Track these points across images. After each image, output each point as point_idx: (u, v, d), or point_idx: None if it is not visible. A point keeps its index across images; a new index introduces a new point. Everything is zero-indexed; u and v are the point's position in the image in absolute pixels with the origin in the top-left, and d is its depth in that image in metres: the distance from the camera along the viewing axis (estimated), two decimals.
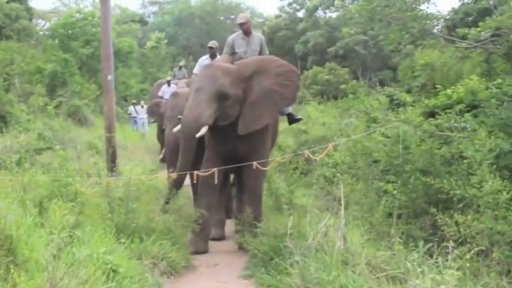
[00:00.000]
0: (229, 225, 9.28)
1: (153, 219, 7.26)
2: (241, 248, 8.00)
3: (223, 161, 8.02)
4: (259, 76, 8.03)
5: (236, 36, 9.03)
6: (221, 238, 8.93)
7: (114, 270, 5.26)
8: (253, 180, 8.15)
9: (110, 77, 9.67)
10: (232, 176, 9.55)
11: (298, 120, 9.16)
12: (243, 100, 7.89)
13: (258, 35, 9.13)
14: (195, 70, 10.50)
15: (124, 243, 6.23)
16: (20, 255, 4.62)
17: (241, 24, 8.89)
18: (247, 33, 8.90)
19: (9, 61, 20.52)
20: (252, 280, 6.61)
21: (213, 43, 10.50)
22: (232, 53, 8.89)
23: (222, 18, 56.96)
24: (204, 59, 10.42)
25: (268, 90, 7.99)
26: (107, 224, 6.51)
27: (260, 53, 8.94)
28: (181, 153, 7.95)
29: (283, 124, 16.88)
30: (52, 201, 6.45)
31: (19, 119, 14.02)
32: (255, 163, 7.62)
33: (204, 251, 8.02)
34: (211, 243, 8.52)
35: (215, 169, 7.66)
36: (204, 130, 7.61)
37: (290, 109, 8.84)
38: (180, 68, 17.67)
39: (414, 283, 4.30)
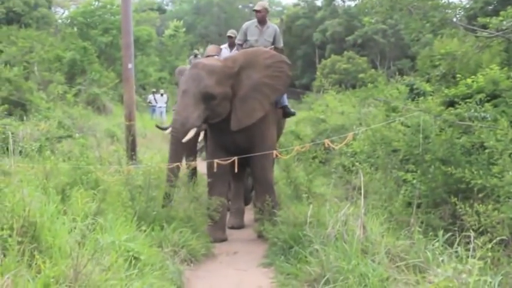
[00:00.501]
0: (249, 214, 9.31)
1: (173, 207, 7.30)
2: (260, 236, 8.05)
3: (227, 152, 8.04)
4: (248, 70, 7.98)
5: (251, 23, 9.01)
6: (240, 227, 8.98)
7: (135, 258, 5.33)
8: (261, 171, 8.21)
9: (130, 66, 9.72)
10: None
11: (292, 114, 9.12)
12: (233, 96, 7.86)
13: (273, 26, 9.08)
14: None
15: (145, 231, 6.31)
16: (44, 242, 4.67)
17: (256, 12, 8.89)
18: (261, 22, 8.87)
19: (28, 49, 20.75)
20: (271, 268, 6.66)
21: (232, 32, 10.48)
22: (245, 40, 8.89)
23: (240, 6, 56.95)
24: (224, 48, 10.41)
25: (258, 83, 7.95)
26: (128, 212, 6.57)
27: (273, 44, 8.91)
28: (169, 155, 7.85)
29: (301, 113, 16.94)
30: (74, 188, 6.52)
31: (39, 107, 14.16)
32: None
33: (222, 240, 8.06)
34: (230, 232, 8.58)
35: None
36: (192, 133, 7.57)
37: (286, 101, 8.80)
38: (196, 55, 17.66)
39: (435, 272, 4.30)
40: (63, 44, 23.95)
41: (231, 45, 10.40)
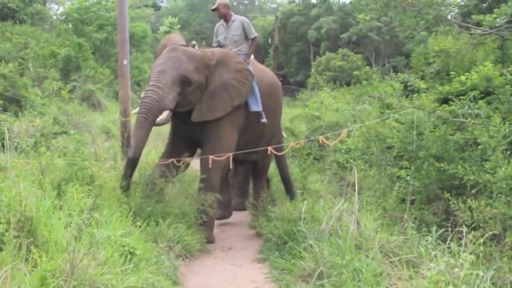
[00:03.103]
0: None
1: (168, 203, 7.32)
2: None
3: (184, 143, 8.00)
4: (222, 67, 7.93)
5: (219, 24, 8.98)
6: (221, 218, 8.92)
7: (131, 253, 5.36)
8: (205, 170, 7.75)
9: (125, 62, 9.71)
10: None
11: (261, 123, 8.42)
12: (204, 88, 7.79)
13: (239, 19, 8.96)
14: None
15: (140, 226, 6.33)
16: (40, 236, 4.71)
17: (213, 10, 8.86)
18: (225, 19, 8.83)
19: (23, 45, 20.77)
20: (266, 264, 6.69)
21: None
22: (218, 41, 8.83)
23: (235, 3, 56.91)
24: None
25: (228, 83, 7.88)
26: (123, 208, 6.59)
27: (244, 36, 8.80)
28: (135, 129, 7.45)
29: (295, 110, 16.98)
30: (69, 184, 6.53)
31: (34, 103, 14.14)
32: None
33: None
34: (225, 228, 8.64)
35: (228, 154, 7.71)
36: (165, 114, 7.38)
37: (260, 108, 8.34)
38: (193, 46, 17.62)
39: (428, 266, 4.35)
40: (58, 40, 23.92)
41: None
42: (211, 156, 7.46)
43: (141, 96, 7.44)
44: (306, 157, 8.86)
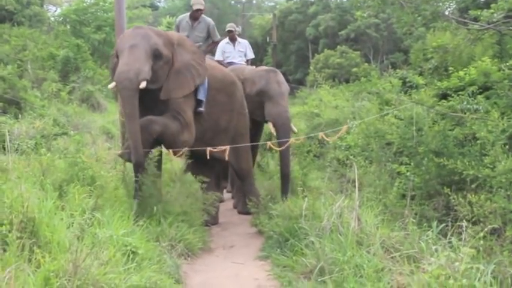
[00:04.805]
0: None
1: (169, 202, 7.34)
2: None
3: None
4: (181, 48, 7.95)
5: (183, 17, 9.13)
6: None
7: (133, 252, 5.37)
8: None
9: None
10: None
11: (199, 112, 8.27)
12: (171, 65, 7.78)
13: (206, 20, 9.09)
14: (217, 56, 10.51)
15: (142, 225, 6.34)
16: (43, 237, 4.72)
17: (197, 11, 8.96)
18: (194, 18, 8.96)
19: (21, 47, 20.75)
20: (268, 261, 6.70)
21: (231, 26, 10.53)
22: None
23: (232, 2, 56.98)
24: (225, 43, 10.45)
25: (189, 63, 7.93)
26: (125, 207, 6.61)
27: (207, 39, 9.02)
28: (127, 117, 7.25)
29: (295, 108, 17.00)
30: (71, 185, 6.56)
31: (33, 104, 14.16)
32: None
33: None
34: (226, 226, 8.68)
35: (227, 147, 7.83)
36: (144, 84, 7.17)
37: (203, 98, 8.27)
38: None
39: (429, 261, 4.37)
40: (56, 42, 23.87)
41: (232, 39, 10.42)
42: (210, 148, 7.52)
43: (117, 71, 7.22)
44: (306, 154, 8.88)
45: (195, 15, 8.92)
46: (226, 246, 7.62)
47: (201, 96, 8.17)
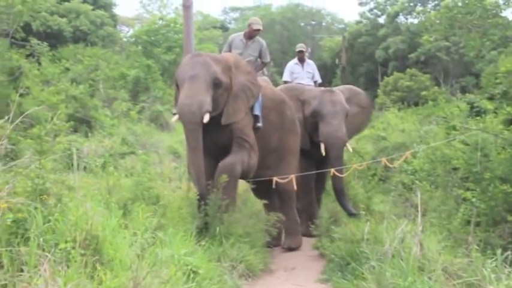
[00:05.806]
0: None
1: (231, 223, 7.39)
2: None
3: (207, 153, 7.71)
4: (236, 70, 7.90)
5: (236, 36, 9.14)
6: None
7: (194, 272, 5.44)
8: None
9: None
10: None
11: (257, 128, 8.23)
12: (229, 90, 7.75)
13: (259, 41, 9.10)
14: (285, 76, 10.57)
15: (204, 245, 6.41)
16: (106, 254, 4.83)
17: (257, 30, 8.97)
18: (249, 37, 8.96)
19: (94, 67, 21.28)
20: (328, 284, 6.69)
21: (301, 46, 10.52)
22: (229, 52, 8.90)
23: (302, 24, 57.01)
24: (293, 64, 10.48)
25: (244, 85, 7.89)
26: (187, 227, 6.70)
27: (259, 58, 9.05)
28: (190, 149, 7.39)
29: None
30: (135, 203, 6.69)
31: (103, 123, 14.53)
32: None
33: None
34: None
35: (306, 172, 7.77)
36: (207, 117, 7.20)
37: (259, 113, 8.24)
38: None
39: None
40: (128, 62, 24.41)
41: (301, 60, 10.44)
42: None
43: (179, 103, 7.30)
44: (370, 178, 8.85)
45: (252, 35, 8.96)
46: (288, 268, 7.62)
47: (257, 111, 8.19)
